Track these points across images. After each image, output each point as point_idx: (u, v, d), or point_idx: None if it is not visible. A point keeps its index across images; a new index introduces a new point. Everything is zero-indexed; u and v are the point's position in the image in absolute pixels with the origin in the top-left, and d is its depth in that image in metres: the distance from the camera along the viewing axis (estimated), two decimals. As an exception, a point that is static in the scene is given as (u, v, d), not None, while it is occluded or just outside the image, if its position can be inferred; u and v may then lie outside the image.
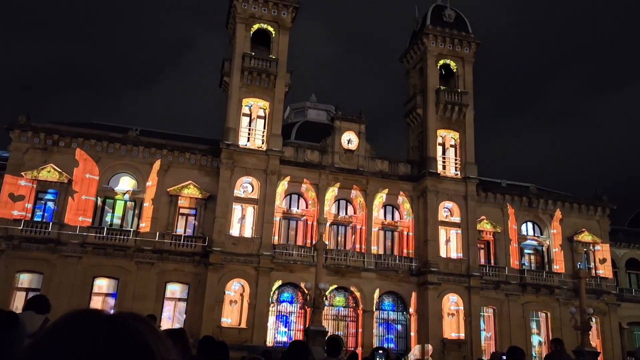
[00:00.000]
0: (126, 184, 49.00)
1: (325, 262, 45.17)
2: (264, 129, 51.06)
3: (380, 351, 21.61)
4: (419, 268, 51.12)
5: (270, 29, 53.60)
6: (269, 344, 45.76)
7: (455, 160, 55.19)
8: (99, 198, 47.77)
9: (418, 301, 50.83)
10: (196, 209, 49.44)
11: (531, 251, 57.70)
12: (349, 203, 53.14)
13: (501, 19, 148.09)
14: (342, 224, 52.60)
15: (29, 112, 48.11)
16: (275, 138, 50.19)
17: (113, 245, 45.97)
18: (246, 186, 49.51)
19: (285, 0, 53.77)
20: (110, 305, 45.57)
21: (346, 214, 52.84)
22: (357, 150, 53.42)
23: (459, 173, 54.48)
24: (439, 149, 55.11)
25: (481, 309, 52.42)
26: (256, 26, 53.31)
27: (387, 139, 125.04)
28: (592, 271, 56.70)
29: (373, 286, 50.26)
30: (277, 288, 48.83)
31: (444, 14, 59.24)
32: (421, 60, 58.50)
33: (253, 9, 53.03)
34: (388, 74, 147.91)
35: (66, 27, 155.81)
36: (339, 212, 52.79)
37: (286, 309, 49.35)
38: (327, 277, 44.67)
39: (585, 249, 57.67)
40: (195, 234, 48.49)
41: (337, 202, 52.89)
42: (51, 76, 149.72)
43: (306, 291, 41.36)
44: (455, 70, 57.69)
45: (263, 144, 50.35)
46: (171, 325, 43.70)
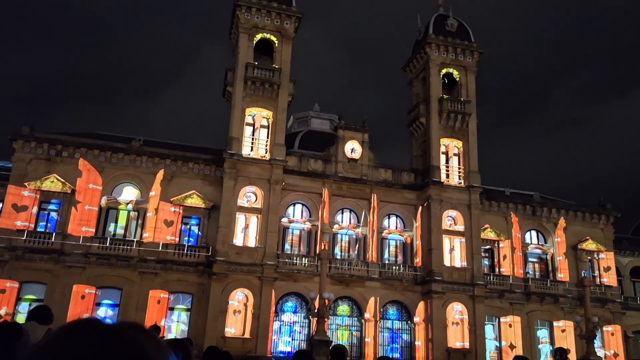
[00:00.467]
0: (129, 194, 48.99)
1: (329, 271, 45.22)
2: (267, 138, 51.07)
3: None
4: (423, 277, 51.00)
5: (273, 38, 53.67)
6: (273, 353, 45.72)
7: (459, 168, 55.14)
8: (102, 208, 47.75)
9: (424, 310, 50.69)
10: (200, 219, 49.42)
11: (535, 260, 57.55)
12: (352, 212, 53.07)
13: (503, 28, 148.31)
14: (346, 233, 52.52)
15: (32, 122, 48.23)
16: (278, 147, 50.18)
17: (116, 255, 45.90)
18: (250, 196, 49.48)
19: (288, 10, 53.89)
20: (114, 316, 45.48)
21: (350, 223, 52.74)
22: (361, 159, 53.39)
23: (462, 182, 54.40)
24: (443, 157, 55.06)
25: (492, 318, 52.37)
26: (259, 36, 53.40)
27: (391, 148, 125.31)
28: (597, 279, 56.54)
29: (377, 295, 50.11)
30: (281, 297, 48.72)
31: (446, 23, 59.31)
32: (424, 70, 58.53)
33: (256, 19, 53.14)
34: (391, 83, 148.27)
35: (70, 37, 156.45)
36: (342, 221, 52.72)
37: (290, 318, 49.21)
38: (331, 287, 44.60)
39: (589, 257, 57.56)
40: (199, 244, 48.44)
41: (340, 211, 52.83)
42: (54, 87, 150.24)
43: (310, 301, 41.23)
44: (458, 79, 57.70)
45: (266, 153, 50.35)
46: (175, 335, 43.56)
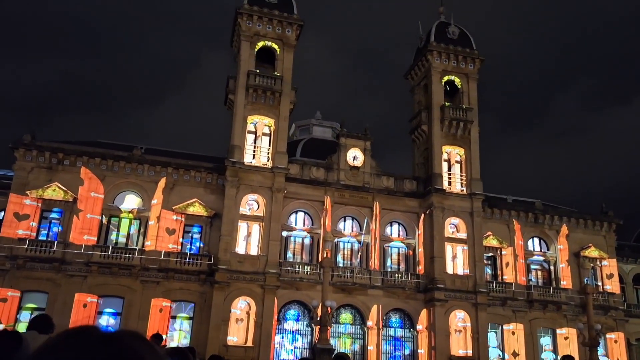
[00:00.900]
0: (131, 202, 48.98)
1: (331, 279, 45.17)
2: (269, 146, 51.09)
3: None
4: (426, 285, 50.92)
5: (275, 46, 53.75)
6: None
7: (461, 176, 55.14)
8: (104, 216, 47.73)
9: (427, 318, 50.61)
10: (202, 227, 49.40)
11: (538, 267, 57.51)
12: (355, 220, 53.03)
13: (505, 36, 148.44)
14: (348, 241, 52.46)
15: (33, 131, 48.26)
16: (280, 155, 50.18)
17: (118, 264, 45.83)
18: (252, 204, 49.47)
19: (290, 18, 53.99)
20: (116, 325, 45.40)
21: (352, 231, 52.70)
22: (363, 167, 53.38)
23: (464, 189, 54.39)
24: (445, 165, 55.06)
25: (495, 326, 52.29)
26: (261, 44, 53.48)
27: (393, 156, 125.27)
28: (599, 287, 56.47)
29: (380, 303, 50.02)
30: (283, 306, 48.64)
31: (447, 30, 59.40)
32: (425, 77, 58.59)
33: (257, 27, 53.22)
34: (393, 90, 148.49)
35: (71, 46, 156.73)
36: (345, 229, 52.68)
37: (292, 326, 49.12)
38: (334, 295, 44.59)
39: (592, 265, 57.50)
40: (201, 252, 48.40)
41: (343, 219, 52.80)
42: (56, 95, 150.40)
43: (312, 309, 41.13)
44: (459, 87, 57.76)
45: (268, 161, 50.36)
46: (177, 344, 43.44)
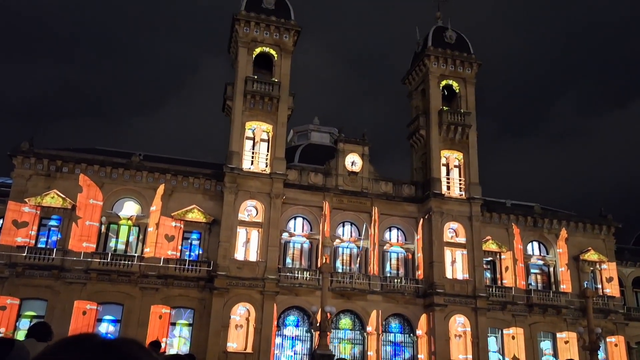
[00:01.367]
0: (130, 209, 48.94)
1: (330, 285, 45.15)
2: (268, 152, 51.09)
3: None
4: (425, 290, 50.88)
5: (273, 52, 53.79)
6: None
7: (460, 180, 55.13)
8: (103, 224, 47.69)
9: (426, 323, 50.56)
10: (200, 234, 49.36)
11: (537, 271, 57.45)
12: (353, 225, 53.00)
13: (503, 40, 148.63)
14: (347, 246, 52.43)
15: (31, 138, 48.18)
16: (278, 161, 50.18)
17: (117, 271, 45.76)
18: (250, 210, 49.46)
19: (287, 24, 54.04)
20: (115, 332, 45.32)
21: (351, 236, 52.66)
22: (361, 172, 53.38)
23: (463, 194, 54.38)
24: (443, 169, 55.04)
25: (495, 330, 52.25)
26: (258, 50, 53.52)
27: (391, 161, 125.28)
28: (599, 290, 56.45)
29: (379, 308, 49.97)
30: (283, 312, 48.58)
31: (445, 35, 59.44)
32: (423, 82, 58.63)
33: (255, 33, 53.28)
34: (390, 95, 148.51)
35: (68, 53, 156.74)
36: (343, 235, 52.64)
37: (292, 332, 49.06)
38: (333, 300, 44.56)
39: (591, 268, 57.49)
40: (200, 259, 48.37)
41: (341, 224, 52.77)
42: (53, 102, 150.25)
43: (312, 314, 41.08)
44: (457, 91, 57.80)
45: (267, 167, 50.36)
46: (177, 351, 43.38)
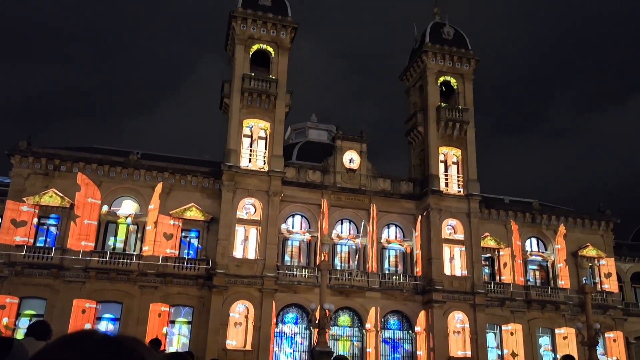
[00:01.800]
0: (128, 207, 48.92)
1: (329, 282, 45.14)
2: (265, 150, 51.09)
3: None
4: (424, 286, 50.93)
5: (270, 49, 53.75)
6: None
7: (458, 177, 55.14)
8: (101, 222, 47.69)
9: (425, 319, 50.62)
10: (199, 232, 49.37)
11: (536, 267, 57.49)
12: (352, 222, 53.01)
13: (501, 36, 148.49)
14: (346, 244, 52.46)
15: (29, 137, 48.18)
16: (276, 159, 50.17)
17: (116, 269, 45.78)
18: (248, 208, 49.47)
19: (284, 21, 53.97)
20: (115, 330, 45.33)
21: (349, 233, 52.67)
22: (359, 169, 53.37)
23: (461, 190, 54.38)
24: (441, 166, 55.04)
25: (493, 326, 52.32)
26: (255, 47, 53.46)
27: (389, 158, 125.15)
28: (598, 286, 56.50)
29: (378, 305, 50.00)
30: (282, 309, 48.62)
31: (442, 31, 59.38)
32: (421, 78, 58.59)
33: (252, 30, 53.20)
34: (388, 92, 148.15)
35: (65, 52, 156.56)
36: (342, 232, 52.65)
37: (291, 330, 49.10)
38: (332, 298, 44.55)
39: (590, 264, 57.52)
40: (199, 257, 48.36)
41: (340, 221, 52.77)
42: (51, 102, 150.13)
43: (311, 312, 41.10)
44: (455, 87, 57.74)
45: (264, 165, 50.35)
46: (177, 349, 43.43)
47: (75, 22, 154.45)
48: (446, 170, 55.37)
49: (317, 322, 37.55)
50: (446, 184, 54.51)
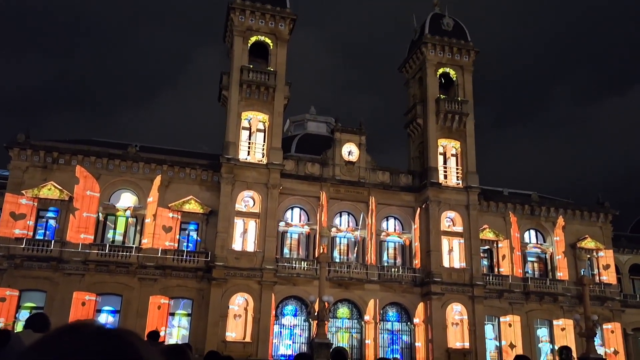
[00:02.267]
0: (127, 200, 48.92)
1: (328, 274, 45.20)
2: (264, 142, 51.02)
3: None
4: (422, 278, 50.98)
5: (268, 41, 53.61)
6: (274, 357, 45.73)
7: (457, 169, 55.12)
8: (100, 215, 47.71)
9: (424, 311, 50.70)
10: (198, 224, 49.38)
11: (534, 259, 57.56)
12: (351, 215, 53.02)
13: (500, 27, 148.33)
14: (344, 236, 52.49)
15: (27, 130, 48.09)
16: (275, 151, 50.12)
17: (115, 262, 45.81)
18: (247, 200, 49.45)
19: (283, 12, 53.79)
20: (114, 323, 45.38)
21: (348, 226, 52.69)
22: (358, 162, 53.34)
23: (460, 182, 54.38)
24: (440, 158, 55.01)
25: (491, 318, 52.43)
26: (254, 39, 53.32)
27: (388, 150, 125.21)
28: (596, 278, 56.62)
29: (377, 297, 50.07)
30: (281, 301, 48.69)
31: (442, 22, 59.22)
32: (420, 70, 58.47)
33: (250, 22, 53.06)
34: (387, 84, 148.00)
35: (63, 45, 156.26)
36: (341, 225, 52.67)
37: (290, 322, 49.18)
38: (331, 290, 44.61)
39: (588, 256, 57.60)
40: (198, 249, 48.40)
41: (339, 214, 52.79)
42: (49, 94, 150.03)
43: (310, 304, 41.18)
44: (455, 79, 57.65)
45: (263, 157, 50.29)
46: (176, 341, 43.49)
47: (74, 15, 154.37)
48: (445, 163, 55.32)
49: (316, 314, 37.67)
50: (445, 176, 54.47)
